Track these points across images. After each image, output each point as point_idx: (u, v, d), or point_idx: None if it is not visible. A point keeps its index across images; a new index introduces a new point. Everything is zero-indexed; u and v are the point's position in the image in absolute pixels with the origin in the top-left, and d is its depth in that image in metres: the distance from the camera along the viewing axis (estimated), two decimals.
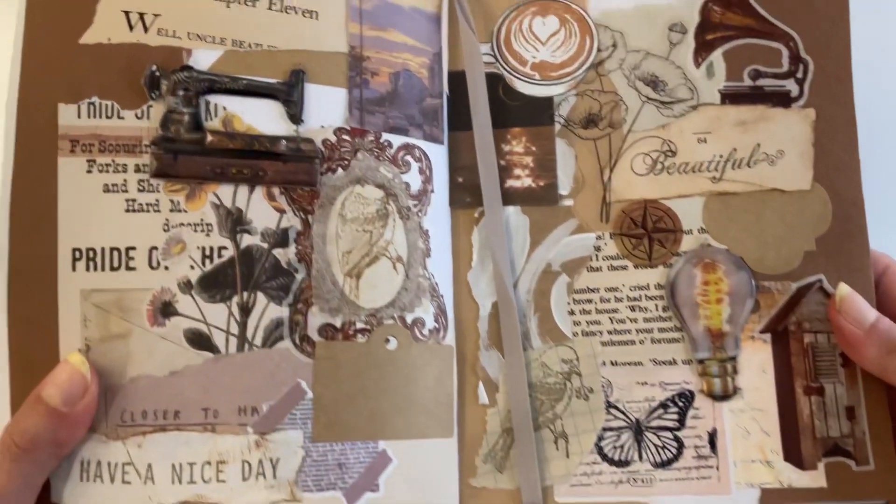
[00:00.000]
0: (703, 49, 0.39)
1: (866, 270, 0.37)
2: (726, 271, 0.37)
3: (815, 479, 0.35)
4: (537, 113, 0.39)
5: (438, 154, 0.38)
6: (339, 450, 0.34)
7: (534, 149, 0.39)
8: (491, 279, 0.38)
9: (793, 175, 0.37)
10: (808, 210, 0.37)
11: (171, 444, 0.32)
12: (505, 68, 0.39)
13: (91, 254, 0.33)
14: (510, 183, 0.38)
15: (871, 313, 0.35)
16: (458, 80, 0.39)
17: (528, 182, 0.38)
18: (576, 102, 0.39)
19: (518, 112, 0.39)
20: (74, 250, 0.33)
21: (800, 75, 0.38)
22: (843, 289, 0.35)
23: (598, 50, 0.39)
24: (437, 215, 0.38)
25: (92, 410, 0.31)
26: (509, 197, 0.38)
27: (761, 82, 0.38)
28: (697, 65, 0.39)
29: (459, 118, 0.39)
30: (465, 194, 0.38)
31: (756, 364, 0.36)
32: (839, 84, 0.38)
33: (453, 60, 0.39)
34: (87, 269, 0.33)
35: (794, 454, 0.35)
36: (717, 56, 0.39)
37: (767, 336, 0.37)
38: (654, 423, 0.36)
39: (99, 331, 0.32)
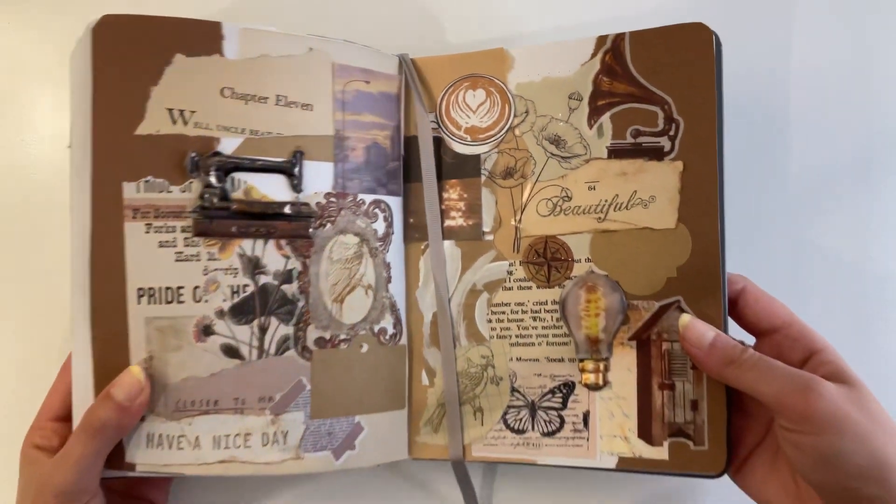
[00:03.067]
0: (594, 113, 0.48)
1: (717, 294, 0.45)
2: (604, 292, 0.48)
3: (660, 453, 0.46)
4: (468, 167, 0.51)
5: (396, 204, 0.51)
6: (328, 423, 0.48)
7: (465, 196, 0.51)
8: (433, 295, 0.51)
9: (661, 216, 0.47)
10: (672, 245, 0.46)
11: (212, 423, 0.45)
12: (445, 133, 0.51)
13: (151, 292, 0.45)
14: (448, 223, 0.51)
15: (710, 333, 0.44)
16: (411, 143, 0.51)
17: (460, 222, 0.51)
18: (497, 159, 0.50)
19: (454, 167, 0.51)
20: (139, 289, 0.45)
21: (672, 133, 0.46)
22: (685, 318, 0.45)
23: (515, 116, 0.50)
24: (396, 250, 0.51)
25: (145, 406, 0.43)
26: (447, 233, 0.51)
27: (640, 140, 0.47)
28: (590, 126, 0.48)
29: (412, 172, 0.51)
30: (414, 231, 0.52)
31: (624, 364, 0.47)
32: (705, 141, 0.46)
33: (407, 128, 0.52)
34: (149, 302, 0.45)
35: (645, 433, 0.47)
36: (605, 119, 0.48)
37: (634, 343, 0.47)
38: (545, 404, 0.49)
39: (159, 346, 0.45)
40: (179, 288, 0.46)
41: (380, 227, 0.50)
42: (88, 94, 0.44)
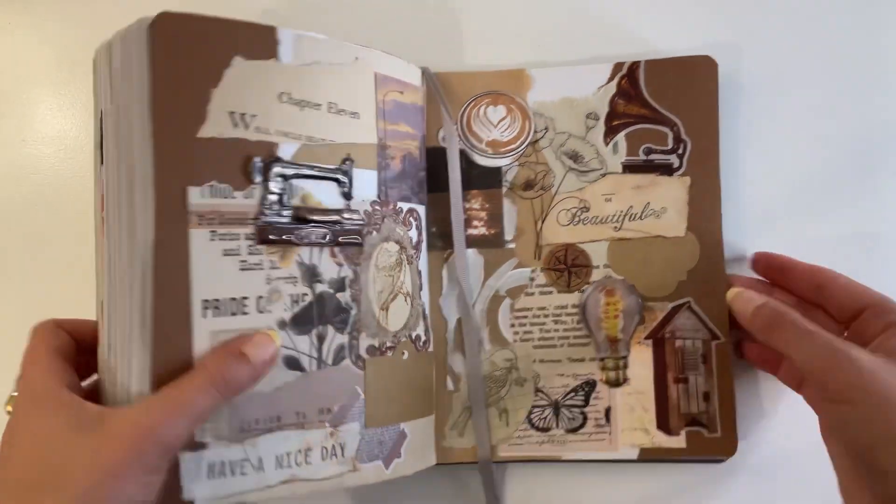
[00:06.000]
0: (610, 132, 0.53)
1: (720, 294, 0.51)
2: (622, 295, 0.52)
3: (678, 442, 0.51)
4: (490, 179, 0.53)
5: (424, 212, 0.52)
6: (379, 432, 0.47)
7: (487, 206, 0.53)
8: (456, 302, 0.53)
9: (672, 226, 0.52)
10: (682, 251, 0.52)
11: (276, 440, 0.43)
12: (467, 145, 0.54)
13: (216, 304, 0.42)
14: (470, 231, 0.53)
15: (755, 302, 0.46)
16: (431, 154, 0.53)
17: (483, 231, 0.53)
18: (518, 171, 0.53)
19: (476, 178, 0.53)
20: (204, 301, 0.41)
21: (680, 152, 0.52)
22: (731, 292, 0.49)
23: (535, 131, 0.53)
24: (425, 258, 0.52)
25: (266, 371, 0.42)
26: (469, 242, 0.53)
27: (652, 157, 0.52)
28: (606, 144, 0.53)
29: (432, 182, 0.53)
30: (437, 240, 0.53)
31: (641, 361, 0.52)
32: (709, 158, 0.52)
33: (428, 138, 0.53)
34: (214, 315, 0.41)
35: (663, 424, 0.51)
36: (620, 137, 0.53)
37: (650, 342, 0.52)
38: (568, 402, 0.52)
39: None
40: (244, 298, 0.43)
41: (413, 234, 0.51)
42: (146, 94, 0.40)
